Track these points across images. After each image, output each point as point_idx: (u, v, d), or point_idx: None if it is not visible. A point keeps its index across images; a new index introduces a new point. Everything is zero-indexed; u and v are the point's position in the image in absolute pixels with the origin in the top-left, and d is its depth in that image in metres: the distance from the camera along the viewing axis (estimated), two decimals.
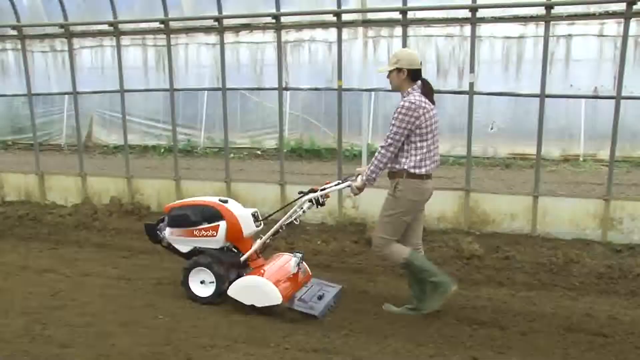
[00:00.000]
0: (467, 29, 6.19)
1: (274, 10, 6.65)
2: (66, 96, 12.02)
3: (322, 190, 4.64)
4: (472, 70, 6.18)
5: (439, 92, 6.42)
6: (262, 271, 4.64)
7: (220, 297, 4.65)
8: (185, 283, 4.78)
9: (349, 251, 6.16)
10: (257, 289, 4.46)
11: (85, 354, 3.77)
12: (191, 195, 7.28)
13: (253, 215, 4.87)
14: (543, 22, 5.95)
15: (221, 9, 6.86)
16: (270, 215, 5.23)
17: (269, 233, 4.79)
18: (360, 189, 4.45)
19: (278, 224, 4.74)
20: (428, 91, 4.28)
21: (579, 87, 6.24)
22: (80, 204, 7.81)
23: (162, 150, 13.67)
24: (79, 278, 5.40)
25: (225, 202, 4.86)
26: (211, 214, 4.77)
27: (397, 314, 4.48)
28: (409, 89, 4.26)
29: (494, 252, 5.90)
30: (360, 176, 4.45)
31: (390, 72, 4.31)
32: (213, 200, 4.89)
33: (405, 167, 4.22)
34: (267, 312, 4.42)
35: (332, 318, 4.41)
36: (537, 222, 6.25)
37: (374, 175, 4.31)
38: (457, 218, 6.53)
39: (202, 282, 4.75)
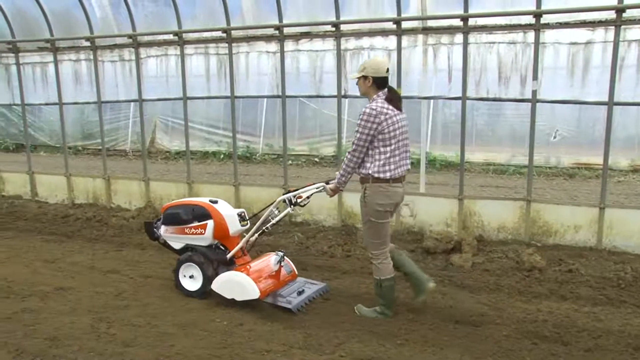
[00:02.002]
0: (531, 35, 6.02)
1: (334, 19, 6.70)
2: (132, 103, 12.48)
3: (294, 190, 4.86)
4: (535, 77, 6.00)
5: (500, 99, 6.29)
6: (247, 267, 4.87)
7: (207, 291, 4.91)
8: (176, 277, 5.09)
9: None
10: (237, 284, 4.70)
11: (147, 354, 3.88)
12: (250, 201, 7.44)
13: (239, 215, 5.13)
14: (613, 27, 5.71)
15: (282, 17, 6.97)
16: (255, 215, 5.46)
17: (251, 232, 5.07)
18: (333, 192, 4.72)
19: (258, 223, 4.99)
20: (393, 97, 4.44)
21: None
22: (143, 208, 8.08)
23: (222, 156, 13.98)
24: (141, 279, 5.59)
25: (215, 202, 5.13)
26: (201, 213, 5.05)
27: (455, 325, 4.40)
28: (375, 96, 4.45)
29: (556, 265, 5.71)
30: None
31: (358, 79, 4.52)
32: (204, 200, 5.15)
33: (370, 171, 4.40)
34: (248, 305, 4.64)
35: (388, 327, 4.37)
36: (604, 234, 6.00)
37: (343, 179, 4.58)
38: (517, 229, 6.34)
39: (191, 277, 5.04)
